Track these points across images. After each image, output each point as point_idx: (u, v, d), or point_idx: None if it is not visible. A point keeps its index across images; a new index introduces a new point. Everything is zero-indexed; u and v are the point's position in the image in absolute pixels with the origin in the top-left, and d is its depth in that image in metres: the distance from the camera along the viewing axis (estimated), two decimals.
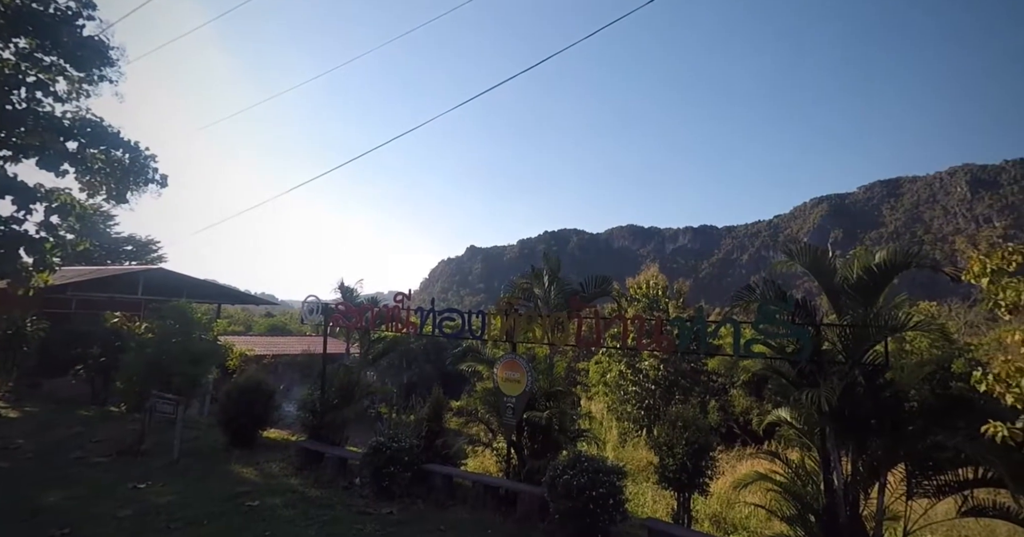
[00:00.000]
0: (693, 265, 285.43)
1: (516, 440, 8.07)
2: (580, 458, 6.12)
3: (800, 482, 5.98)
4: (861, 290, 6.28)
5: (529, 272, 9.07)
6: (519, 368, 7.86)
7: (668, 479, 6.65)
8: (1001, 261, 11.84)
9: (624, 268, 68.40)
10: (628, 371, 22.86)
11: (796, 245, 7.04)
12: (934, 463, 5.33)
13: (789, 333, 6.34)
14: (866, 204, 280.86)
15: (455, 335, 9.23)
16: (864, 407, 5.67)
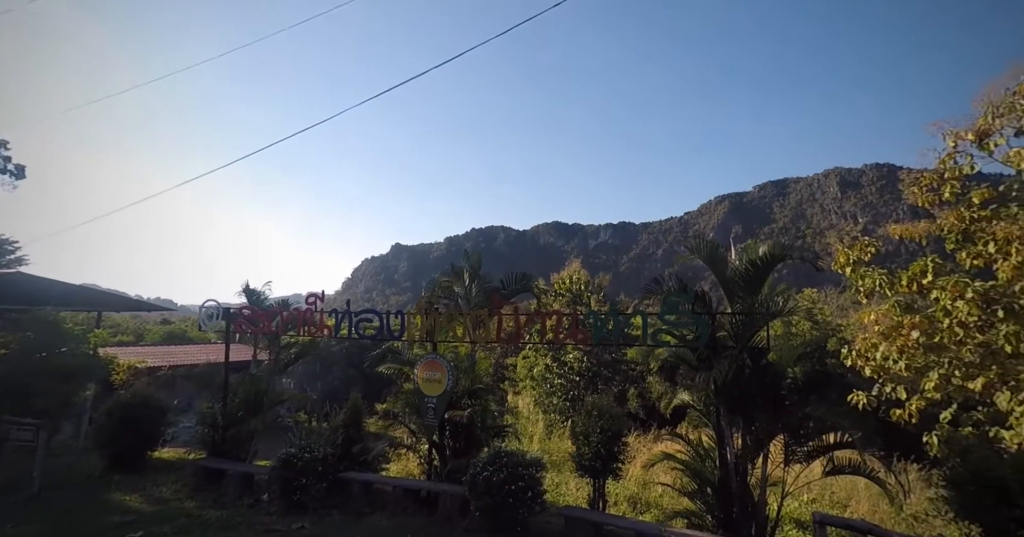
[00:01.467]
0: (614, 260, 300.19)
1: (438, 440, 7.98)
2: (500, 454, 6.19)
3: (700, 459, 6.53)
4: (748, 280, 6.96)
5: (450, 270, 8.98)
6: (440, 368, 7.77)
7: (584, 467, 6.94)
8: (860, 253, 13.62)
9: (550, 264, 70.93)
10: (554, 364, 23.53)
11: (695, 240, 7.63)
12: (805, 432, 6.08)
13: (690, 322, 6.89)
14: (760, 202, 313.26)
15: (374, 337, 8.91)
16: (751, 386, 6.31)
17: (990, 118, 11.73)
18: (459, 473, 6.96)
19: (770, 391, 6.30)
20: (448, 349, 9.95)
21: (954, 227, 11.89)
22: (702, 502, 6.30)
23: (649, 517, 8.85)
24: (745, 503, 5.92)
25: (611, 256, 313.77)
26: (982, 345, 11.25)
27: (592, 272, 31.52)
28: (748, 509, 5.91)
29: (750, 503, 6.00)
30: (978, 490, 4.48)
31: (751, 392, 6.30)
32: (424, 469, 8.22)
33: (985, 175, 12.28)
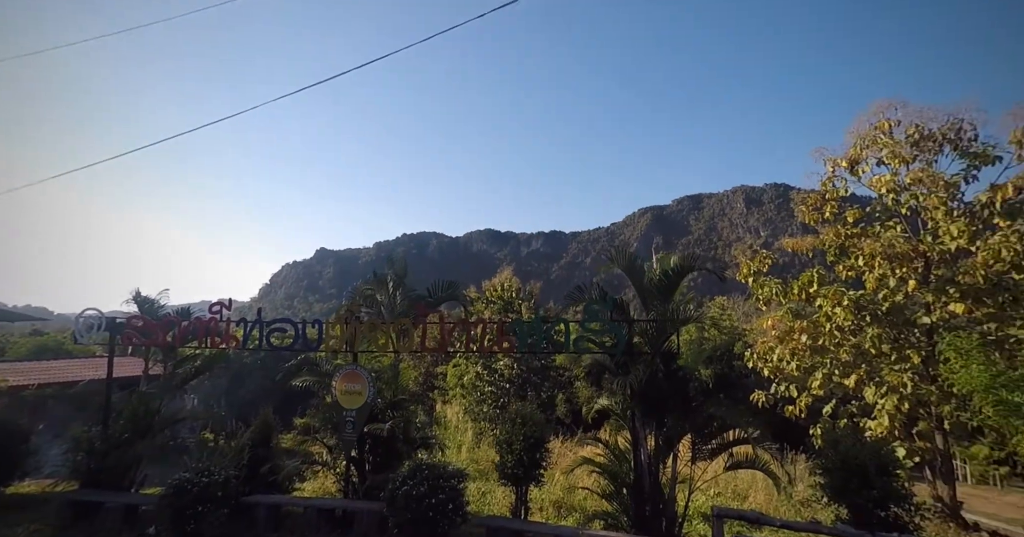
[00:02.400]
0: (545, 268, 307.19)
1: (357, 456, 7.62)
2: (421, 467, 6.03)
3: (617, 461, 6.80)
4: (662, 289, 7.42)
5: (372, 278, 8.66)
6: (360, 379, 7.44)
7: (507, 475, 6.96)
8: (759, 264, 14.97)
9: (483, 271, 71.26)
10: (484, 372, 23.51)
11: (615, 251, 8.02)
12: (710, 431, 6.56)
13: (609, 329, 7.20)
14: (678, 215, 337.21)
15: (288, 348, 8.35)
16: (663, 389, 6.71)
17: (859, 149, 13.58)
18: (378, 489, 6.68)
19: (680, 393, 6.74)
20: (371, 359, 9.57)
21: (833, 242, 13.60)
22: (618, 503, 6.55)
23: (572, 521, 9.05)
24: (657, 501, 6.24)
25: (542, 264, 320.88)
26: (855, 347, 12.88)
27: (524, 279, 32.06)
28: (659, 506, 6.25)
29: (661, 500, 6.34)
30: (845, 475, 5.07)
31: (663, 395, 6.69)
32: (341, 487, 7.79)
33: (859, 197, 14.21)
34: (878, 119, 12.79)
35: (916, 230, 12.43)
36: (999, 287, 10.93)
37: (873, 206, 13.28)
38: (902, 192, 12.37)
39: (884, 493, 4.86)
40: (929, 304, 11.59)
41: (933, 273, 11.91)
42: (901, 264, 11.75)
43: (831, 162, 13.56)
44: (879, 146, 12.71)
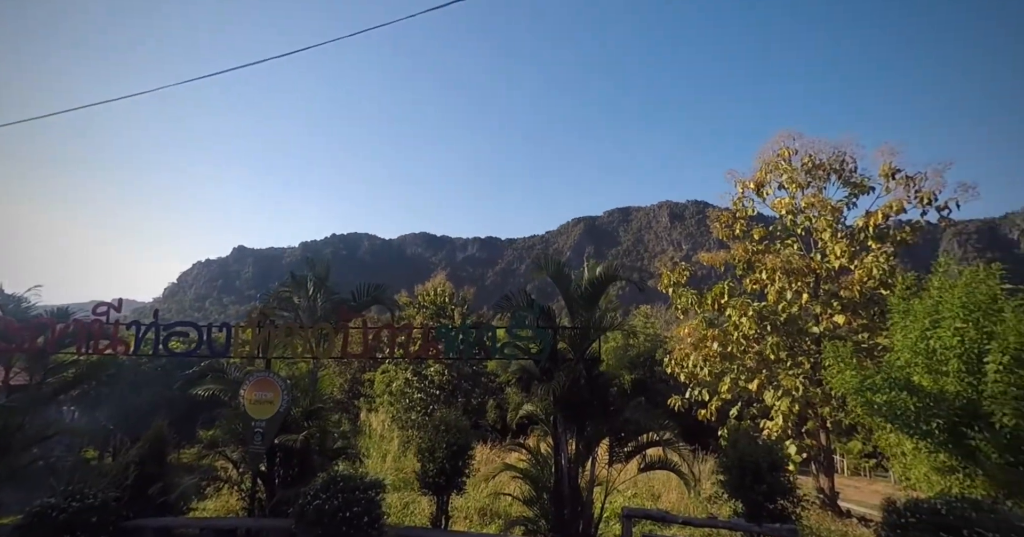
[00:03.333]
0: (480, 273, 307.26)
1: (266, 470, 7.08)
2: (335, 479, 5.71)
3: (539, 466, 6.89)
4: (587, 297, 7.67)
5: (289, 280, 8.15)
6: (273, 387, 6.94)
7: (428, 484, 6.80)
8: (678, 276, 15.92)
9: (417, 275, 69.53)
10: (414, 378, 22.99)
11: (544, 258, 8.18)
12: (626, 434, 6.84)
13: (535, 336, 7.32)
14: (609, 226, 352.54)
15: (190, 353, 7.62)
16: (584, 394, 6.91)
17: (764, 173, 14.98)
18: (288, 505, 6.24)
19: (600, 398, 6.98)
20: (288, 366, 8.98)
21: (741, 257, 14.85)
22: (539, 507, 6.63)
23: (495, 528, 9.03)
24: (576, 503, 6.39)
25: (478, 269, 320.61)
26: (758, 353, 14.10)
27: (458, 285, 31.84)
28: (578, 509, 6.40)
29: (580, 503, 6.50)
30: (741, 472, 5.52)
31: (585, 400, 6.89)
32: (247, 505, 7.19)
33: (764, 217, 15.67)
34: (780, 147, 14.24)
35: (809, 248, 13.94)
36: (871, 301, 12.55)
37: (775, 225, 14.75)
38: (798, 214, 13.85)
39: (773, 488, 5.34)
40: (818, 315, 13.03)
41: (822, 287, 13.42)
42: (797, 279, 13.12)
43: (741, 184, 14.88)
44: (780, 172, 14.16)
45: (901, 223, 12.86)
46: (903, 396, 6.71)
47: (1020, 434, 5.72)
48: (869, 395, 7.02)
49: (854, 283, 12.60)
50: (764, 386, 13.17)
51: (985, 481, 5.91)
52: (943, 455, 6.34)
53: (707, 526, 4.73)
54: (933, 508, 3.85)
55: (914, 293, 8.03)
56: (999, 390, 5.85)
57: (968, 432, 6.02)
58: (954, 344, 6.39)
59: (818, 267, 13.12)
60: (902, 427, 6.65)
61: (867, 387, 7.07)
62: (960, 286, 6.65)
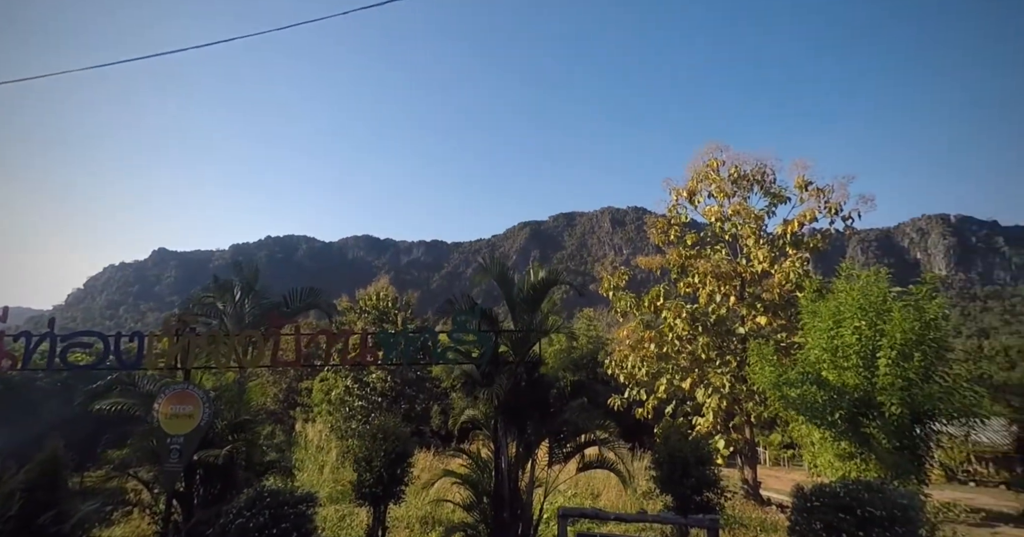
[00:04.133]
0: (425, 277, 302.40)
1: (184, 489, 6.54)
2: (262, 494, 5.38)
3: (480, 471, 6.86)
4: (529, 301, 7.77)
5: (213, 284, 7.61)
6: (192, 400, 6.43)
7: (365, 495, 6.57)
8: (618, 279, 16.47)
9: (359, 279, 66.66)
10: (355, 386, 22.22)
11: (488, 262, 8.21)
12: (565, 435, 6.99)
13: (476, 340, 7.30)
14: (554, 230, 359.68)
15: (93, 366, 6.91)
16: (525, 397, 6.99)
17: (695, 182, 15.89)
18: (208, 525, 5.80)
19: (541, 400, 7.08)
20: (213, 377, 8.36)
21: (676, 262, 15.65)
22: (479, 512, 6.60)
23: (434, 536, 8.88)
24: (515, 506, 6.43)
25: (423, 273, 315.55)
26: (691, 354, 14.88)
27: (403, 289, 31.16)
28: (517, 511, 6.45)
29: (519, 505, 6.55)
30: (671, 468, 5.81)
31: (525, 402, 6.96)
32: (161, 529, 6.60)
33: (697, 223, 16.62)
34: (709, 158, 15.20)
35: (736, 254, 14.96)
36: (788, 303, 13.67)
37: (706, 232, 15.71)
38: (726, 221, 14.83)
39: (700, 481, 5.67)
40: (743, 317, 13.99)
41: (747, 291, 14.43)
42: (725, 282, 14.03)
43: (675, 192, 15.74)
44: (710, 181, 15.11)
45: (814, 231, 14.12)
46: (813, 390, 7.36)
47: (905, 421, 6.46)
48: (784, 390, 7.64)
49: (774, 286, 13.67)
50: (696, 384, 13.93)
51: (877, 464, 6.61)
52: (844, 443, 7.03)
53: (637, 521, 4.92)
54: (833, 492, 4.26)
55: (821, 295, 8.84)
56: (888, 382, 6.58)
57: (864, 421, 6.72)
58: (853, 342, 7.11)
59: (744, 271, 14.10)
60: (811, 418, 7.29)
61: (783, 382, 7.68)
62: (857, 289, 7.42)
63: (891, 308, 7.01)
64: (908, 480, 6.24)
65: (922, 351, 6.57)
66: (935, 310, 6.90)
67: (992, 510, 15.33)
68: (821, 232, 13.93)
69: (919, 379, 6.51)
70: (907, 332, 6.58)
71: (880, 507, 3.96)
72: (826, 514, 4.17)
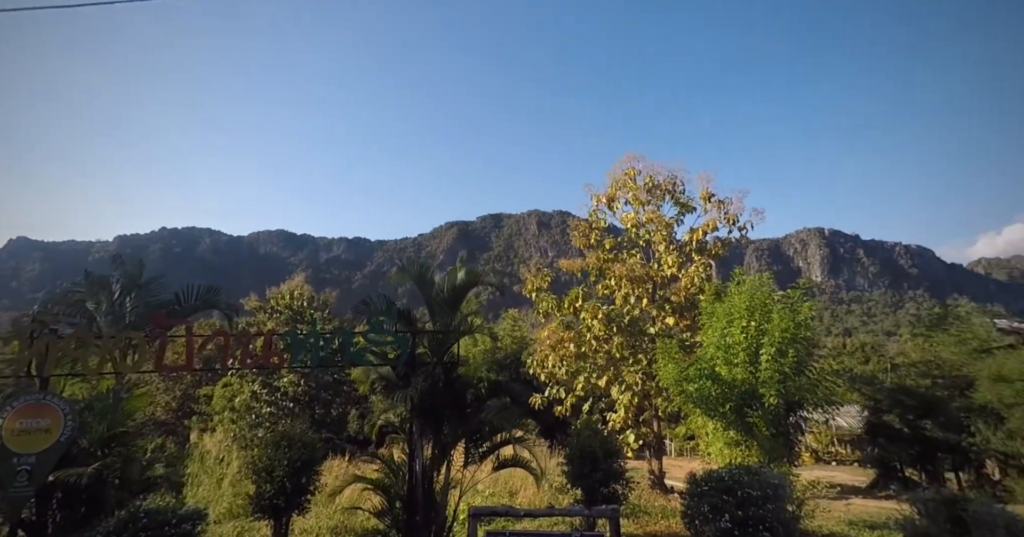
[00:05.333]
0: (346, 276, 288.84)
1: (37, 516, 5.63)
2: (137, 515, 4.79)
3: (393, 475, 6.65)
4: (449, 301, 7.69)
5: (83, 280, 6.65)
6: (50, 412, 5.55)
7: (265, 507, 6.08)
8: (541, 281, 16.84)
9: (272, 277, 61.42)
10: (263, 391, 20.63)
11: (406, 261, 8.00)
12: (481, 435, 7.00)
13: (393, 341, 7.08)
14: (482, 231, 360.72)
15: None
16: (442, 398, 6.90)
17: (614, 189, 16.71)
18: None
19: (458, 401, 7.03)
20: (84, 384, 7.31)
21: (595, 265, 16.33)
22: (390, 518, 6.39)
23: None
24: (429, 509, 6.32)
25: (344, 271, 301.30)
26: (607, 353, 15.59)
27: (321, 288, 29.58)
28: (431, 514, 6.34)
29: (433, 508, 6.44)
30: (581, 462, 6.05)
31: (442, 404, 6.87)
32: None
33: (616, 228, 17.48)
34: (627, 167, 16.08)
35: (649, 258, 15.94)
36: (693, 305, 14.83)
37: (623, 237, 16.57)
38: (641, 228, 15.76)
39: (607, 474, 5.97)
40: (654, 317, 14.95)
41: (658, 293, 15.43)
42: (638, 285, 14.88)
43: (596, 197, 16.44)
44: (627, 189, 15.98)
45: (716, 239, 15.44)
46: (708, 384, 8.05)
47: (780, 411, 7.30)
48: (685, 385, 8.28)
49: (681, 290, 14.75)
50: (611, 382, 14.64)
51: (758, 450, 7.40)
52: (732, 432, 7.78)
53: (546, 515, 5.06)
54: (719, 477, 4.69)
55: (718, 298, 9.70)
56: (768, 376, 7.40)
57: (748, 411, 7.48)
58: (741, 340, 7.89)
59: (655, 275, 15.07)
60: (706, 410, 7.98)
61: (683, 378, 8.32)
62: (745, 293, 8.26)
63: (772, 310, 7.89)
64: (782, 463, 7.07)
65: (795, 348, 7.46)
66: (806, 312, 7.88)
67: (847, 485, 17.77)
68: (722, 240, 15.26)
69: (792, 373, 7.39)
70: (784, 331, 7.44)
71: (756, 488, 4.43)
72: (713, 497, 4.57)
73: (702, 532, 4.58)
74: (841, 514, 10.26)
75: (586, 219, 16.84)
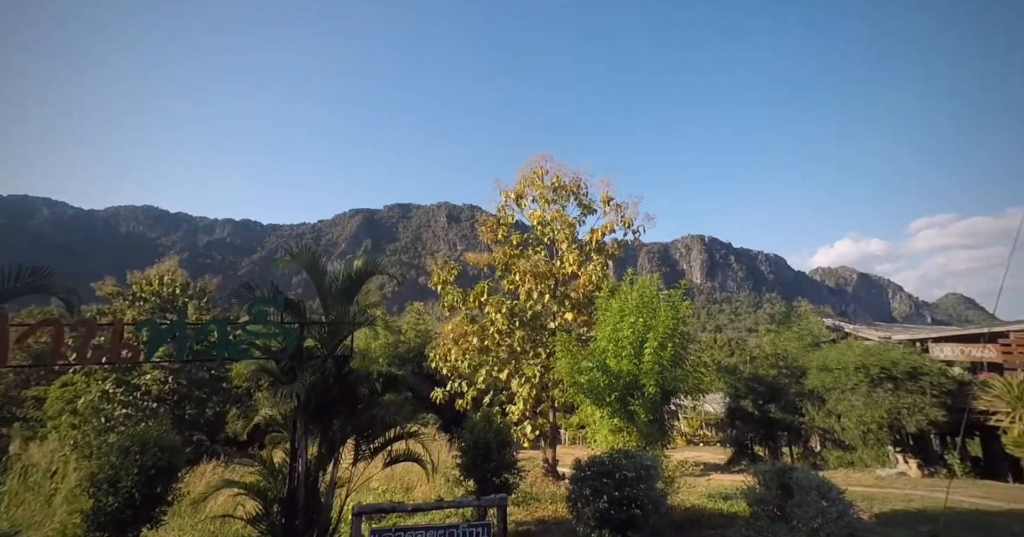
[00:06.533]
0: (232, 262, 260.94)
1: None
2: None
3: (271, 478, 6.13)
4: (344, 292, 7.26)
5: None
6: None
7: (105, 524, 5.22)
8: (447, 274, 16.71)
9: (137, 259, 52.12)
10: (117, 390, 17.86)
11: (296, 246, 7.38)
12: (374, 431, 6.74)
13: (278, 332, 6.50)
14: (389, 220, 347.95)
15: None
16: (333, 393, 6.50)
17: (523, 186, 17.06)
18: None
19: (350, 396, 6.67)
20: None
21: (501, 260, 16.55)
22: (267, 524, 5.89)
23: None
24: (311, 511, 5.92)
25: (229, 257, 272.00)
26: (509, 346, 15.92)
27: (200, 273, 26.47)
28: (314, 516, 5.95)
29: (317, 510, 6.06)
30: (475, 453, 6.10)
31: (332, 399, 6.47)
32: None
33: (523, 225, 17.85)
34: (536, 166, 16.52)
35: (552, 256, 16.55)
36: (590, 302, 15.72)
37: (529, 234, 17.00)
38: (546, 226, 16.30)
39: (500, 464, 6.08)
40: (555, 313, 15.57)
41: (559, 290, 16.08)
42: (541, 281, 15.38)
43: (504, 193, 16.66)
44: (535, 188, 16.42)
45: (614, 240, 16.49)
46: (598, 376, 8.58)
47: (657, 399, 8.05)
48: (576, 376, 8.75)
49: (580, 287, 15.53)
50: (512, 375, 14.98)
51: (638, 436, 8.10)
52: (616, 419, 8.41)
53: (435, 509, 5.02)
54: (600, 461, 5.03)
55: (612, 295, 10.38)
56: (649, 367, 8.11)
57: (631, 400, 8.14)
58: (629, 334, 8.54)
59: (557, 272, 15.68)
60: (595, 400, 8.52)
61: (576, 370, 8.79)
62: (635, 291, 8.96)
63: (657, 306, 8.65)
64: (657, 446, 7.80)
65: (673, 342, 8.27)
66: (684, 310, 8.76)
67: (710, 463, 20.21)
68: (618, 242, 16.35)
69: (669, 365, 8.18)
70: (666, 327, 8.20)
71: (632, 470, 4.82)
72: (594, 481, 4.89)
73: (583, 514, 4.88)
74: (703, 489, 11.64)
75: (495, 215, 17.00)
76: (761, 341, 31.90)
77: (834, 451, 19.14)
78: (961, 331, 20.83)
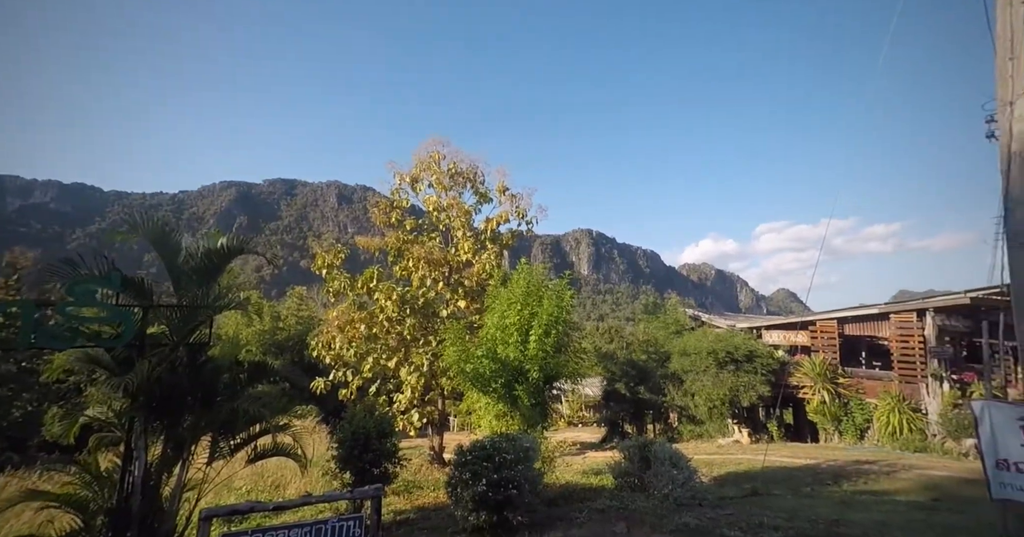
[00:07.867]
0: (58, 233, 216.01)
1: None
2: None
3: (96, 485, 5.18)
4: (203, 271, 6.36)
5: None
6: None
7: None
8: (334, 258, 15.60)
9: None
10: None
11: (140, 216, 6.26)
12: (236, 425, 6.05)
13: (111, 316, 5.48)
14: (269, 197, 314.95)
15: None
16: (183, 385, 5.69)
17: (419, 170, 16.55)
18: None
19: (207, 388, 5.90)
20: None
21: (394, 245, 15.91)
22: None
23: None
24: (149, 519, 5.14)
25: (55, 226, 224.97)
26: (399, 334, 15.43)
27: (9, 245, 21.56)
28: (153, 525, 5.17)
29: (159, 517, 5.28)
30: (353, 444, 5.81)
31: (182, 392, 5.66)
32: None
33: (418, 210, 17.31)
34: (432, 150, 16.11)
35: (447, 242, 16.32)
36: (482, 290, 15.85)
37: (424, 219, 16.55)
38: (442, 212, 16.01)
39: (379, 454, 5.87)
40: (448, 300, 15.41)
41: (453, 277, 15.95)
42: (435, 268, 15.10)
43: (399, 176, 15.99)
44: (431, 172, 16.02)
45: (508, 230, 16.76)
46: (485, 363, 8.70)
47: (540, 384, 8.43)
48: (463, 364, 8.78)
49: (474, 275, 15.57)
50: (401, 363, 14.55)
51: (521, 420, 8.42)
52: (501, 405, 8.63)
53: (302, 505, 4.67)
54: (482, 446, 5.10)
55: (504, 284, 10.57)
56: (534, 354, 8.44)
57: (515, 386, 8.41)
58: (516, 321, 8.79)
59: (452, 259, 15.52)
60: (481, 388, 8.64)
61: (463, 358, 8.81)
62: (522, 280, 9.23)
63: (543, 295, 9.01)
64: (537, 429, 8.19)
65: (557, 329, 8.69)
66: (568, 299, 9.24)
67: (587, 442, 21.89)
68: (513, 232, 16.67)
69: (553, 351, 8.60)
70: (550, 315, 8.58)
71: (511, 452, 4.98)
72: (475, 465, 4.94)
73: (461, 497, 4.93)
74: (578, 466, 12.55)
75: (388, 197, 16.26)
76: (636, 329, 35.22)
77: (688, 425, 21.98)
78: (784, 320, 25.13)
